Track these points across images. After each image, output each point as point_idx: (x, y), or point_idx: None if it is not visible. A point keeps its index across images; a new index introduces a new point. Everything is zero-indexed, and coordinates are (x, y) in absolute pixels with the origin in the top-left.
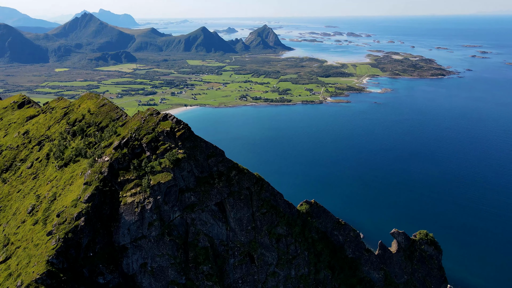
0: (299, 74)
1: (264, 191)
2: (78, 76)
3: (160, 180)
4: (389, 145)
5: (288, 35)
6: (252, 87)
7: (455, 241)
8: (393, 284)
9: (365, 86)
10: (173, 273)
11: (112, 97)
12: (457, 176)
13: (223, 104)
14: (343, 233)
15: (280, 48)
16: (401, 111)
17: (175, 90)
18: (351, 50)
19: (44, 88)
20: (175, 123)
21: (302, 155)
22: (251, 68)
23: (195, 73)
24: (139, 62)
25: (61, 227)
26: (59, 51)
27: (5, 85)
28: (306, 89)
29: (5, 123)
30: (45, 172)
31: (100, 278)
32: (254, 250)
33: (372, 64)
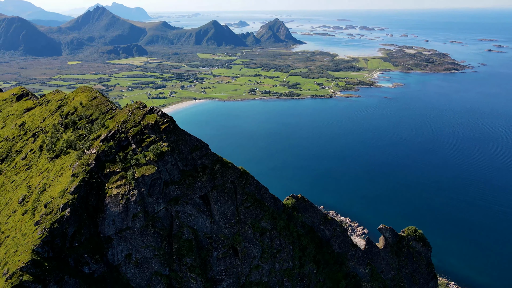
0: (309, 68)
1: (248, 185)
2: (90, 69)
3: (144, 172)
4: (397, 140)
5: (300, 29)
6: (262, 81)
7: (463, 239)
8: (379, 279)
9: (376, 81)
10: (157, 265)
11: (122, 90)
12: (468, 173)
13: (232, 97)
14: (329, 228)
15: (291, 42)
16: (411, 106)
17: (185, 83)
18: (363, 44)
19: (56, 80)
20: (160, 117)
21: (309, 150)
22: (261, 62)
23: (205, 66)
24: (150, 55)
25: (47, 217)
26: (72, 44)
27: (19, 78)
28: (316, 83)
29: (4, 115)
30: (37, 163)
31: (85, 267)
32: (238, 243)
33: (384, 58)
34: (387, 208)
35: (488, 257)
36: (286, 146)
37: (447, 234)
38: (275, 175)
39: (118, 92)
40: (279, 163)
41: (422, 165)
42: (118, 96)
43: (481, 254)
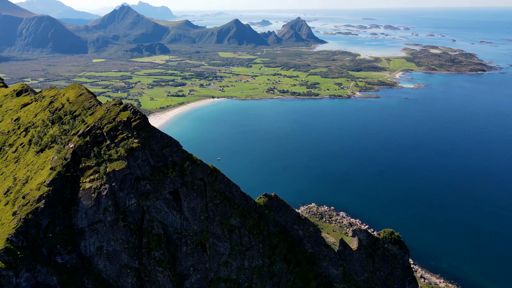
0: (329, 68)
1: (218, 182)
2: (113, 66)
3: (115, 167)
4: (415, 142)
5: (323, 28)
6: (281, 80)
7: (477, 246)
8: (352, 281)
9: (397, 81)
10: (126, 257)
11: (143, 87)
12: (489, 179)
13: (250, 96)
14: (302, 228)
15: (313, 41)
16: (432, 107)
17: (204, 81)
18: (386, 43)
19: (81, 78)
20: (132, 114)
21: (322, 149)
22: (281, 61)
23: (226, 65)
24: (172, 53)
25: (23, 208)
26: (97, 42)
27: (46, 74)
28: (335, 83)
29: (3, 110)
30: (25, 156)
31: (58, 257)
32: (206, 240)
33: (407, 58)
34: (399, 211)
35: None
36: (300, 146)
37: (461, 241)
38: (287, 174)
39: (139, 89)
40: (292, 162)
41: (439, 169)
42: (138, 93)
43: (498, 264)
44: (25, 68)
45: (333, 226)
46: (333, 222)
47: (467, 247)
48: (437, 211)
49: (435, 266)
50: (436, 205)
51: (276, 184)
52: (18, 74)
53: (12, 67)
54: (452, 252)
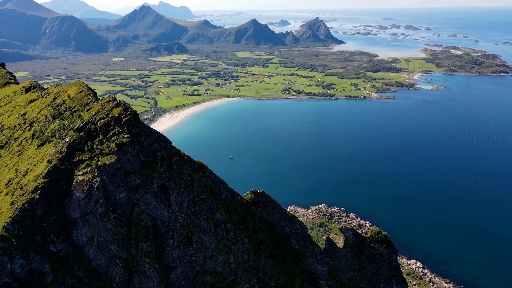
0: (346, 69)
1: (205, 178)
2: (132, 65)
3: (106, 161)
4: (430, 145)
5: (342, 28)
6: (297, 80)
7: (490, 253)
8: (337, 278)
9: (415, 82)
10: (116, 248)
11: (160, 86)
12: (506, 183)
13: (265, 96)
14: (289, 225)
15: (331, 41)
16: (451, 109)
17: (220, 81)
18: (406, 44)
19: (100, 76)
20: (124, 110)
21: (335, 150)
22: (298, 61)
23: (242, 65)
24: (190, 53)
25: (20, 198)
26: (117, 41)
27: (67, 73)
28: (351, 84)
29: (12, 106)
30: (28, 150)
31: (52, 246)
32: (192, 233)
33: (427, 59)
34: (410, 214)
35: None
36: (312, 146)
37: (474, 247)
38: (298, 174)
39: (156, 88)
40: (304, 162)
41: (454, 172)
42: (155, 92)
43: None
44: (48, 66)
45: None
46: (342, 223)
47: (480, 253)
48: (450, 215)
49: (445, 270)
50: (450, 209)
51: (287, 184)
52: (41, 72)
53: (35, 65)
54: (464, 258)
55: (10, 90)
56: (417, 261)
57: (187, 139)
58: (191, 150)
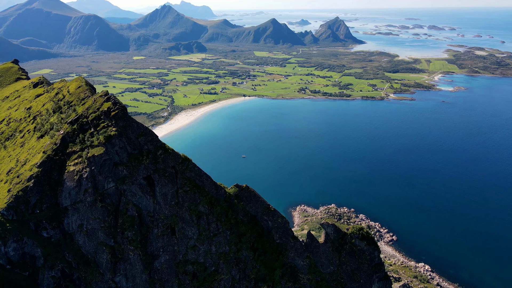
0: (364, 69)
1: (189, 171)
2: (151, 64)
3: (94, 153)
4: (447, 147)
5: (362, 28)
6: (313, 80)
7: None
8: (317, 273)
9: (435, 84)
10: (103, 235)
11: (177, 84)
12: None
13: (281, 96)
14: (271, 219)
15: (351, 41)
16: (471, 112)
17: (237, 80)
18: (429, 44)
19: (120, 74)
20: (113, 104)
21: (348, 151)
22: (316, 61)
23: (260, 64)
24: (209, 52)
25: (16, 186)
26: (138, 40)
27: (89, 70)
28: (369, 84)
29: (20, 100)
30: (29, 142)
31: (44, 232)
32: (175, 224)
33: (449, 60)
34: (422, 217)
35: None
36: (325, 146)
37: (486, 252)
38: (310, 174)
39: (174, 86)
40: (316, 162)
41: (471, 176)
42: (173, 90)
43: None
44: (71, 64)
45: None
46: (351, 224)
47: (492, 259)
48: (463, 219)
49: (454, 275)
50: (463, 213)
51: (297, 183)
52: (65, 69)
53: (59, 63)
54: (475, 263)
55: (20, 85)
56: (425, 264)
57: (202, 137)
58: (205, 148)
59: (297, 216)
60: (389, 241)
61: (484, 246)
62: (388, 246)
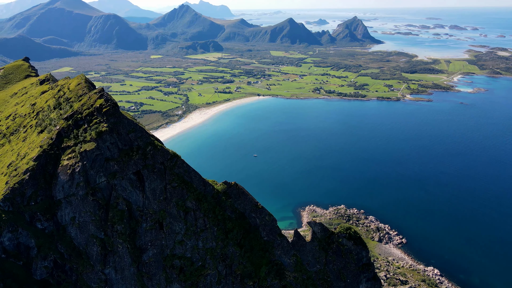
0: (381, 69)
1: (177, 167)
2: (168, 63)
3: (86, 148)
4: (462, 150)
5: (381, 28)
6: (329, 80)
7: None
8: (303, 271)
9: (454, 85)
10: (93, 228)
11: (193, 83)
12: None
13: (295, 95)
14: (259, 216)
15: (368, 41)
16: (490, 114)
17: (252, 79)
18: (449, 44)
19: (138, 72)
20: (105, 101)
21: (360, 152)
22: (332, 61)
23: (275, 64)
24: (225, 51)
25: (13, 178)
26: (156, 39)
27: (108, 69)
28: (385, 85)
29: (27, 96)
30: (31, 136)
31: (38, 223)
32: (163, 219)
33: (469, 61)
34: (433, 221)
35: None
36: (337, 146)
37: (500, 259)
38: (320, 174)
39: (189, 85)
40: (327, 162)
41: (488, 179)
42: (188, 89)
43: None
44: (91, 63)
45: (359, 230)
46: (360, 225)
47: (505, 265)
48: (476, 224)
49: (464, 280)
50: (476, 218)
51: (307, 183)
52: (84, 68)
53: (79, 61)
54: (487, 268)
55: (28, 82)
56: (434, 268)
57: (214, 136)
58: (217, 146)
59: (305, 216)
60: (398, 243)
61: (497, 252)
62: (397, 248)
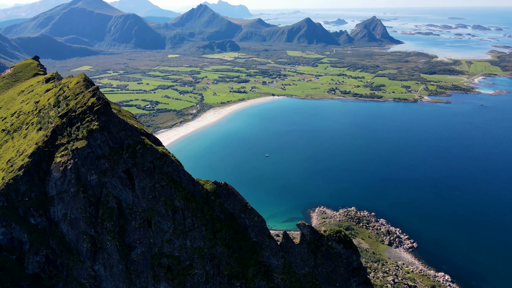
0: (399, 70)
1: (166, 166)
2: (185, 62)
3: (78, 146)
4: (483, 153)
5: (401, 28)
6: (345, 80)
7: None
8: (292, 273)
9: (474, 86)
10: (84, 225)
11: (208, 82)
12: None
13: (310, 96)
14: (248, 217)
15: (387, 41)
16: (511, 116)
17: (267, 79)
18: (471, 45)
19: (155, 72)
20: (96, 100)
21: (373, 153)
22: (349, 61)
23: (292, 63)
24: (242, 51)
25: (9, 174)
26: (174, 39)
27: (126, 68)
28: (403, 85)
29: (32, 94)
30: (31, 133)
31: (31, 219)
32: (152, 217)
33: (492, 62)
34: (447, 226)
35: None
36: (350, 148)
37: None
38: (332, 175)
39: (204, 84)
40: (339, 163)
41: (502, 185)
42: (203, 88)
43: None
44: (110, 62)
45: (369, 232)
46: (370, 228)
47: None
48: (491, 230)
49: (476, 287)
50: (492, 224)
51: (318, 184)
52: (103, 66)
53: (99, 60)
54: (500, 276)
55: (35, 81)
56: (446, 274)
57: (227, 135)
58: (229, 146)
59: (315, 217)
60: (409, 248)
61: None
62: (407, 253)
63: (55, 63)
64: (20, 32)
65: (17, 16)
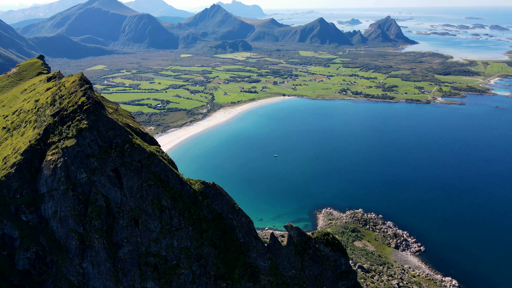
0: (413, 71)
1: (154, 165)
2: (197, 61)
3: (67, 144)
4: (496, 156)
5: (416, 28)
6: (356, 81)
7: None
8: (278, 275)
9: (490, 88)
10: (73, 223)
11: (219, 82)
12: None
13: (321, 96)
14: (236, 218)
15: (401, 42)
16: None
17: (279, 79)
18: (489, 45)
19: (167, 71)
20: (86, 99)
21: (382, 155)
22: (362, 62)
23: (303, 64)
24: (254, 51)
25: (2, 171)
26: (187, 38)
27: (139, 67)
28: (416, 86)
29: (34, 93)
30: (28, 131)
31: (23, 216)
32: (139, 216)
33: (509, 63)
34: (456, 229)
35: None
36: (359, 149)
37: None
38: (340, 177)
39: (215, 84)
40: (347, 165)
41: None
42: (214, 87)
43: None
44: (123, 61)
45: (376, 235)
46: (376, 230)
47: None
48: (502, 235)
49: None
50: (503, 228)
51: (326, 185)
52: (117, 66)
53: (113, 59)
54: (510, 283)
55: (38, 79)
56: (453, 279)
57: (236, 135)
58: (238, 145)
59: (321, 219)
60: (416, 251)
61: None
62: (414, 256)
63: (70, 62)
64: (37, 32)
65: (35, 16)
